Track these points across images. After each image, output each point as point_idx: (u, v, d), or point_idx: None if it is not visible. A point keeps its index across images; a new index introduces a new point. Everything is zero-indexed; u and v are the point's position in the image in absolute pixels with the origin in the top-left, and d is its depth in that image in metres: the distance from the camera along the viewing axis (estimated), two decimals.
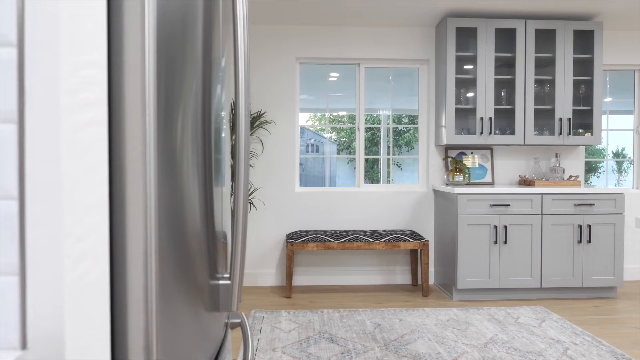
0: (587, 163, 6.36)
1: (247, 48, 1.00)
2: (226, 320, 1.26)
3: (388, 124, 4.69)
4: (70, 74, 0.52)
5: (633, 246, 4.56)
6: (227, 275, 1.12)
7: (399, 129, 7.41)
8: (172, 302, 0.73)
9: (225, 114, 1.28)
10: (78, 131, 0.54)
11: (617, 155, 5.59)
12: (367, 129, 7.29)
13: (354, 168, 4.52)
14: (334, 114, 4.92)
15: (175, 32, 0.74)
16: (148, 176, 0.65)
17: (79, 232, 0.55)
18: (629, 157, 4.73)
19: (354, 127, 4.52)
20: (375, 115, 5.11)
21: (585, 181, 5.40)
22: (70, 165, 0.53)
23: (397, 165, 8.13)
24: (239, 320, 1.31)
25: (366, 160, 5.92)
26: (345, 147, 4.62)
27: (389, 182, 5.64)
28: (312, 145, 8.59)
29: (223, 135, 1.27)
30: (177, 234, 0.77)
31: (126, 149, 0.65)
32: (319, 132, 5.24)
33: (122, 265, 0.66)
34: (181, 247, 0.79)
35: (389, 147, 5.32)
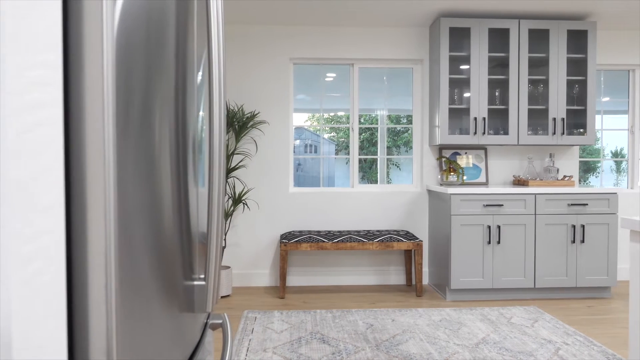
0: (586, 163, 6.35)
1: (222, 48, 1.00)
2: (205, 321, 1.26)
3: (387, 123, 4.70)
4: (17, 74, 0.52)
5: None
6: (202, 276, 1.11)
7: (398, 129, 7.39)
8: (137, 303, 0.73)
9: (205, 115, 1.28)
10: (27, 132, 0.54)
11: (615, 155, 5.58)
12: (366, 129, 7.28)
13: None
14: (331, 114, 4.91)
15: (141, 32, 0.74)
16: (107, 176, 0.65)
17: (29, 233, 0.55)
18: (627, 157, 4.73)
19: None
20: (373, 116, 5.13)
21: (584, 181, 5.39)
22: (18, 166, 0.53)
23: (395, 165, 8.11)
24: (220, 321, 1.31)
25: (364, 160, 5.91)
26: (344, 147, 4.62)
27: (387, 182, 5.63)
28: (310, 145, 8.58)
29: (203, 135, 1.27)
30: (144, 234, 0.76)
31: (86, 150, 0.65)
32: (318, 132, 5.25)
33: (83, 266, 0.66)
34: (149, 248, 0.79)
35: (388, 147, 5.31)
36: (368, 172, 7.44)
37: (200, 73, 1.20)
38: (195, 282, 1.07)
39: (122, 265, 0.68)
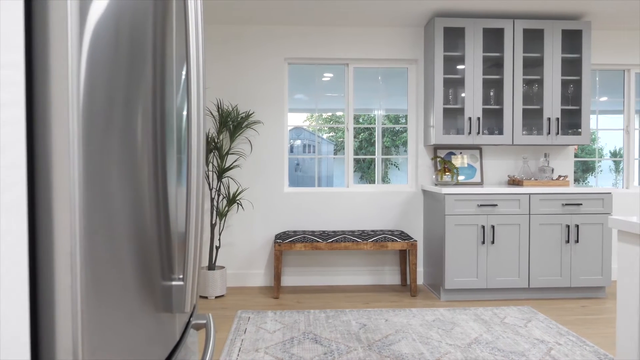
0: (584, 163, 6.34)
1: (201, 48, 1.00)
2: (187, 320, 1.26)
3: (384, 123, 4.70)
4: None
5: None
6: (181, 276, 1.11)
7: (397, 129, 7.40)
8: (109, 303, 0.73)
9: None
10: None
11: (614, 155, 5.56)
12: (365, 129, 7.30)
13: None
14: (330, 114, 4.91)
15: (113, 33, 0.73)
16: (72, 176, 0.65)
17: None
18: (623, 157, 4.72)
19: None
20: (372, 115, 5.15)
21: (582, 181, 5.39)
22: None
23: (394, 165, 8.10)
24: (204, 321, 1.31)
25: (363, 160, 5.92)
26: (343, 147, 4.62)
27: (385, 182, 5.63)
28: (309, 145, 8.56)
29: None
30: (118, 234, 0.76)
31: (52, 149, 0.65)
32: (315, 132, 5.25)
33: (49, 266, 0.65)
34: (123, 248, 0.78)
35: (387, 147, 5.31)
36: (367, 172, 7.44)
37: (183, 72, 1.20)
38: (174, 282, 1.06)
39: (91, 265, 0.68)
